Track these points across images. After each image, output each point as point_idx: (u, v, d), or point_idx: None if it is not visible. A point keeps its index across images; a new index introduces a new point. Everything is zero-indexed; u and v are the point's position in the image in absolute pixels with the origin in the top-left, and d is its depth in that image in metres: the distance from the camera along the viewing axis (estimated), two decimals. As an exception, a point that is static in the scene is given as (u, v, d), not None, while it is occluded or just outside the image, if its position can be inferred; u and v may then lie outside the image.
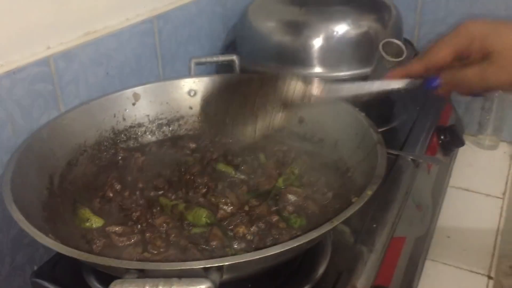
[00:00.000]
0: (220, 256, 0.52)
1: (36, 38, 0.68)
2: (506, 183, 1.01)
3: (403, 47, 0.81)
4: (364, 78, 0.88)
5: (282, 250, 0.46)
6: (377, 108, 0.99)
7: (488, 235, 0.87)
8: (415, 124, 0.97)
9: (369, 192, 0.53)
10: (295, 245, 0.46)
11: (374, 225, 0.69)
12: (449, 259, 0.81)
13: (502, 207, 0.93)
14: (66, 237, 0.57)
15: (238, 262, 0.45)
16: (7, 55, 0.65)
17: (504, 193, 0.97)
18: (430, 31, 1.13)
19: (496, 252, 0.83)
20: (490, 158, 1.09)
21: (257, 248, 0.55)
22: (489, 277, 0.78)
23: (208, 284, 0.43)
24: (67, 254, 0.46)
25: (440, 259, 0.81)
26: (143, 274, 0.45)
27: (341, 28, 0.92)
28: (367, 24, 0.93)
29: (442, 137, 0.98)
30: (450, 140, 0.98)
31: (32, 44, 0.68)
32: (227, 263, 0.44)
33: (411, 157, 0.85)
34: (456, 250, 0.83)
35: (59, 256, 0.65)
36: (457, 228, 0.88)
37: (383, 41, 0.82)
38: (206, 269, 0.44)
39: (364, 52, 0.92)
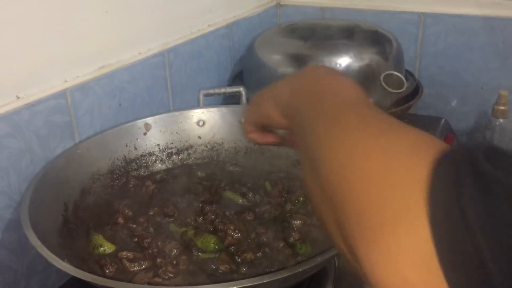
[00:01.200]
0: (228, 281, 0.55)
1: (53, 72, 0.72)
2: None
3: (404, 79, 0.85)
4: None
5: (288, 274, 0.48)
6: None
7: None
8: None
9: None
10: (300, 269, 0.49)
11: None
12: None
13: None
14: (80, 262, 0.60)
15: (246, 286, 0.47)
16: (26, 88, 0.68)
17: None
18: (430, 63, 1.17)
19: None
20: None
21: (264, 273, 0.57)
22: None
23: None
24: (82, 278, 0.49)
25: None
26: (155, 297, 0.47)
27: (344, 61, 0.96)
28: (369, 57, 0.97)
29: (444, 165, 1.00)
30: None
31: (50, 78, 0.72)
32: (235, 287, 0.47)
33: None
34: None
35: (71, 282, 0.68)
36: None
37: (384, 73, 0.85)
38: (215, 293, 0.47)
39: (366, 83, 0.95)
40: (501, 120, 1.08)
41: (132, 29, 0.86)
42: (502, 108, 1.07)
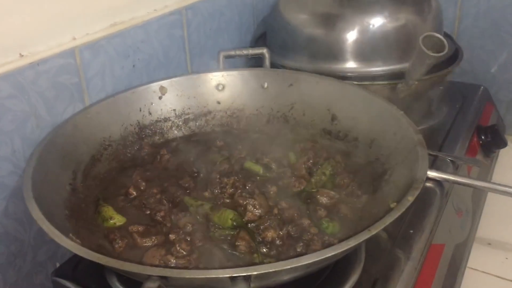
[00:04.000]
0: (247, 263, 0.50)
1: (61, 29, 0.66)
2: (551, 187, 0.95)
3: (445, 41, 0.76)
4: (401, 73, 0.83)
5: (315, 260, 0.42)
6: (414, 105, 0.95)
7: (532, 243, 0.82)
8: (455, 123, 0.92)
9: (410, 198, 0.49)
10: (329, 254, 0.43)
11: (411, 231, 0.65)
12: (490, 267, 0.76)
13: (547, 213, 0.87)
14: (87, 236, 0.55)
15: (267, 272, 0.42)
16: (31, 46, 0.63)
17: (549, 198, 0.91)
18: (471, 25, 1.07)
19: (541, 262, 0.78)
20: (533, 160, 1.03)
21: (287, 256, 0.51)
22: (534, 289, 0.73)
23: (234, 295, 0.39)
24: (85, 257, 0.44)
25: (480, 267, 0.76)
26: (166, 281, 0.42)
27: (377, 21, 0.87)
28: (405, 17, 0.88)
29: (483, 137, 0.93)
30: (492, 140, 0.93)
31: (57, 35, 0.66)
32: (255, 273, 0.41)
33: (450, 158, 0.80)
34: (497, 259, 0.78)
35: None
36: (499, 235, 0.82)
37: (424, 35, 0.76)
38: (232, 278, 0.41)
39: (401, 46, 0.87)
40: (546, 88, 0.99)
41: (147, -17, 0.79)
42: (549, 75, 0.98)
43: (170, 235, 0.55)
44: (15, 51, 0.61)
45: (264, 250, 0.53)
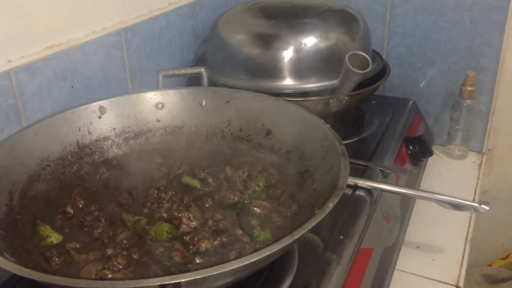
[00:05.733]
0: (180, 272, 0.52)
1: (-4, 52, 0.67)
2: (475, 192, 1.02)
3: (369, 59, 0.82)
4: (333, 89, 0.88)
5: (240, 265, 0.45)
6: (348, 119, 1.01)
7: (457, 244, 0.88)
8: (385, 135, 0.98)
9: (330, 204, 0.53)
10: (253, 259, 0.46)
11: (341, 237, 0.69)
12: (418, 269, 0.81)
13: (470, 216, 0.94)
14: (24, 255, 0.56)
15: (196, 278, 0.44)
16: (-35, 69, 0.63)
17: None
18: (398, 44, 1.15)
19: (465, 261, 0.84)
20: (459, 167, 1.11)
21: (215, 264, 0.54)
22: (457, 287, 0.78)
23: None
24: (18, 273, 0.45)
25: (408, 269, 0.81)
26: (98, 292, 0.44)
27: (310, 41, 0.92)
28: (335, 36, 0.93)
29: (411, 147, 0.99)
30: (419, 150, 0.99)
31: (-8, 58, 0.67)
32: (183, 280, 0.44)
33: (379, 168, 0.86)
34: (425, 260, 0.83)
35: (18, 276, 0.64)
36: (426, 238, 0.88)
37: (349, 53, 0.82)
38: (162, 286, 0.44)
39: (333, 64, 0.92)
40: (468, 101, 1.07)
41: (85, 6, 0.80)
42: (469, 88, 1.06)
43: (107, 250, 0.56)
44: None
45: (198, 261, 0.56)
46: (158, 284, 0.43)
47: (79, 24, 0.80)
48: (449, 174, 1.08)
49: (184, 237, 0.59)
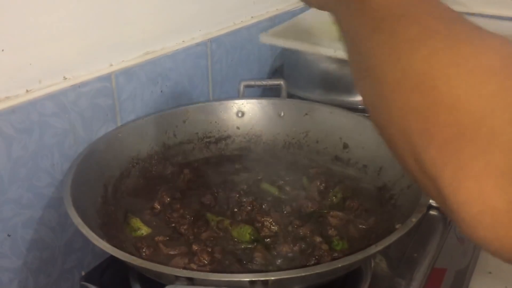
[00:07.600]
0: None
1: (100, 56, 0.73)
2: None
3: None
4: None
5: (327, 269, 0.47)
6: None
7: (532, 273, 0.85)
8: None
9: (413, 220, 0.54)
10: (339, 265, 0.48)
11: (415, 255, 0.69)
12: (490, 295, 0.80)
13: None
14: (118, 243, 0.60)
15: (283, 278, 0.47)
16: (73, 70, 0.69)
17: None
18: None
19: (540, 292, 0.81)
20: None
21: (299, 267, 0.56)
22: (532, 317, 0.76)
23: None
24: (122, 258, 0.49)
25: (480, 295, 0.79)
26: (191, 282, 0.47)
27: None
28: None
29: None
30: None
31: (96, 61, 0.73)
32: (273, 278, 0.46)
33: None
34: (497, 287, 0.82)
35: (107, 262, 0.69)
36: (499, 263, 0.86)
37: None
38: (252, 282, 0.46)
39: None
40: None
41: (177, 18, 0.86)
42: None
43: (193, 246, 0.60)
44: (59, 74, 0.68)
45: (279, 262, 0.58)
46: (249, 279, 0.46)
47: (172, 33, 0.85)
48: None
49: (266, 240, 0.61)
